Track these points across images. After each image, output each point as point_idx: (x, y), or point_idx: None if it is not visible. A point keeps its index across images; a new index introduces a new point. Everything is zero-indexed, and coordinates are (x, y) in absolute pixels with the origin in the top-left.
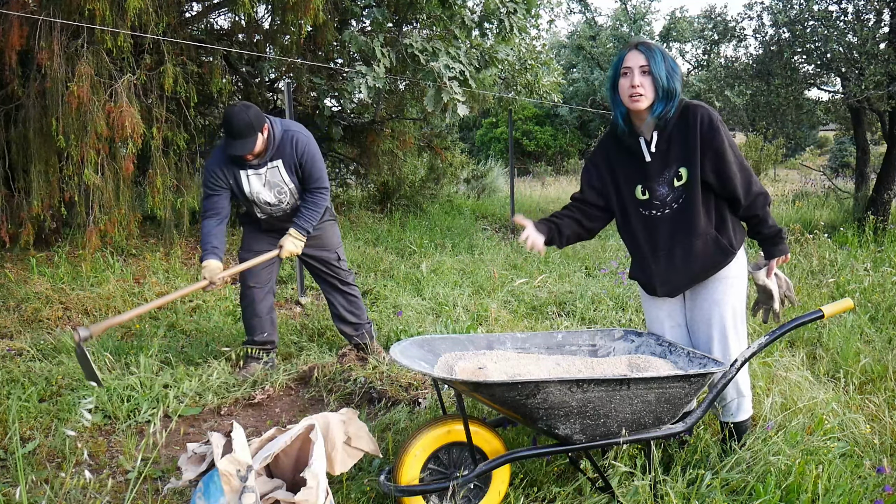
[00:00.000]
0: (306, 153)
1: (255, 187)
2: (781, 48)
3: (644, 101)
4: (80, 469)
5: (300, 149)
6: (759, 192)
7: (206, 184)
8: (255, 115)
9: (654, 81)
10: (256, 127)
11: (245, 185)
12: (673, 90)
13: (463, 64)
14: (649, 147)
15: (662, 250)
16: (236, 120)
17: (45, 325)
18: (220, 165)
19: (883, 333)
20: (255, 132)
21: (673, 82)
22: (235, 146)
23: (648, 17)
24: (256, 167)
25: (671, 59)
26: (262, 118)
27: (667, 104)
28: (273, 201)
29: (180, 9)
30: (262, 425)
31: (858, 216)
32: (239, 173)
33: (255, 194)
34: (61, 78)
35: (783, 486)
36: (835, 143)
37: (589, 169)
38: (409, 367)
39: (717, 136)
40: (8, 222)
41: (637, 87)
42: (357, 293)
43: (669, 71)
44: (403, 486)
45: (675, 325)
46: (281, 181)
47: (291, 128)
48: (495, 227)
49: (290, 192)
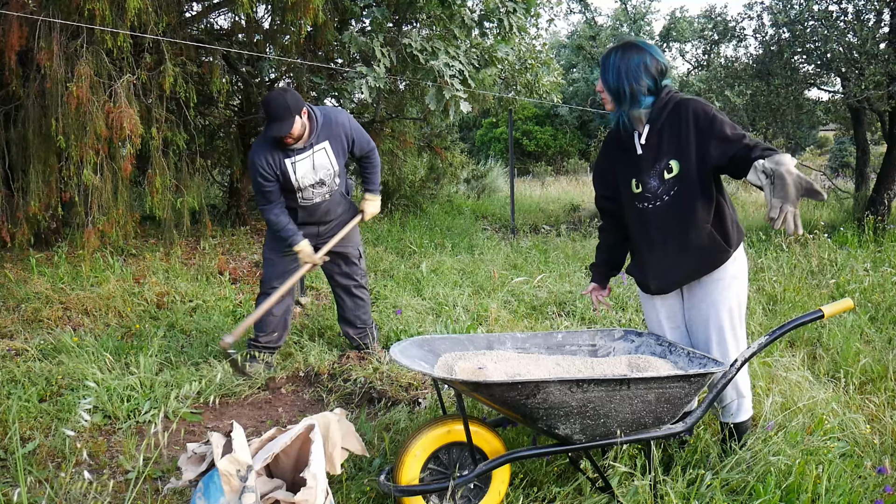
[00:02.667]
0: (352, 126)
1: (301, 172)
2: (781, 48)
3: (608, 103)
4: (80, 469)
5: (346, 125)
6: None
7: (256, 178)
8: (292, 98)
9: (604, 86)
10: (294, 110)
11: (291, 173)
12: (623, 92)
13: (462, 63)
14: (640, 140)
15: (656, 244)
16: (274, 103)
17: (45, 325)
18: (265, 157)
19: (883, 333)
20: (293, 114)
21: (623, 84)
22: (273, 128)
23: (648, 17)
24: (302, 151)
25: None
26: (300, 102)
27: (621, 105)
28: (317, 185)
29: (180, 9)
30: (262, 425)
31: (858, 216)
32: (285, 162)
33: (301, 179)
34: (61, 78)
35: (783, 486)
36: (835, 143)
37: (597, 177)
38: (409, 367)
39: (716, 123)
40: (8, 222)
41: (601, 92)
42: (366, 296)
43: (622, 73)
44: (403, 486)
45: (673, 326)
46: (327, 162)
47: (331, 110)
48: (495, 227)
49: (334, 174)
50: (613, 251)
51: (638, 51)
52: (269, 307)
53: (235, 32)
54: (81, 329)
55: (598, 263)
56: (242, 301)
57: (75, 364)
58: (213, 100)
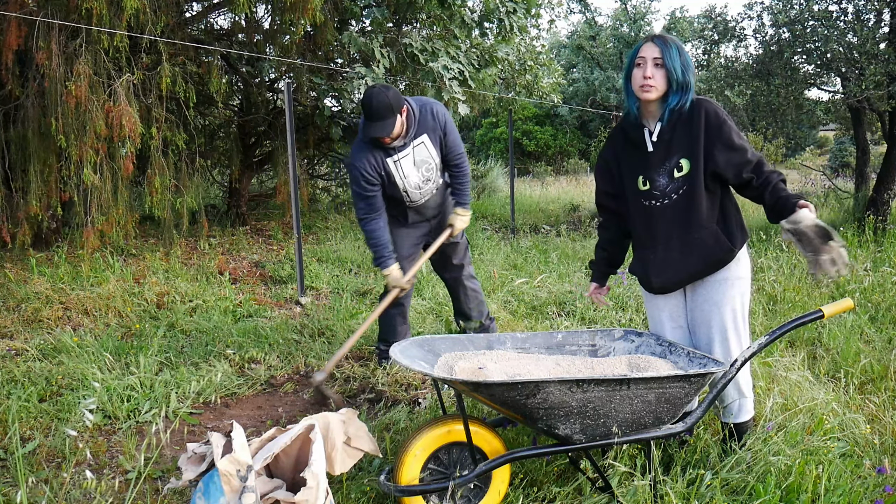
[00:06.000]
0: (447, 120)
1: (406, 170)
2: (781, 48)
3: (654, 92)
4: (81, 469)
5: (441, 117)
6: (771, 170)
7: (357, 184)
8: (394, 96)
9: (668, 74)
10: (395, 108)
11: (396, 174)
12: (687, 83)
13: (462, 64)
14: (652, 137)
15: (661, 242)
16: (376, 101)
17: (45, 325)
18: (366, 159)
19: (883, 333)
20: (395, 114)
21: (687, 76)
22: (374, 128)
23: (648, 17)
24: (402, 148)
25: (687, 54)
26: (401, 99)
27: (681, 97)
28: (422, 182)
29: (179, 9)
30: (262, 425)
31: (858, 216)
32: (387, 161)
33: (407, 178)
34: (60, 78)
35: (783, 486)
36: (835, 143)
37: (600, 172)
38: (409, 367)
39: (724, 127)
40: (8, 222)
41: (648, 79)
42: (477, 286)
43: (684, 65)
44: (403, 486)
45: (676, 326)
46: (428, 156)
47: (426, 101)
48: (495, 227)
49: (436, 168)
50: (614, 249)
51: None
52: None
53: (235, 32)
54: (81, 329)
55: (598, 261)
56: (242, 301)
57: (75, 364)
58: (212, 100)
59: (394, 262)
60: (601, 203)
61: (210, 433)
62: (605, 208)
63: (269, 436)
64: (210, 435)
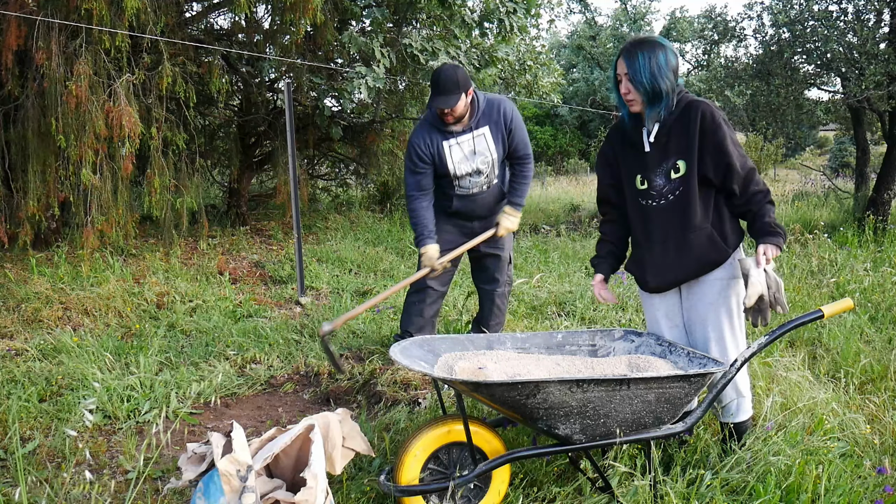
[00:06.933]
0: (514, 118)
1: (457, 157)
2: (781, 48)
3: (635, 105)
4: (81, 469)
5: (508, 114)
6: (758, 189)
7: (410, 159)
8: (462, 75)
9: (637, 87)
10: (462, 86)
11: (447, 157)
12: (658, 91)
13: (462, 64)
14: (649, 138)
15: (657, 241)
16: (444, 76)
17: (45, 325)
18: (423, 138)
19: (883, 333)
20: (460, 91)
21: (658, 83)
22: (439, 100)
23: (648, 17)
24: (461, 134)
25: (660, 56)
26: (469, 81)
27: (656, 105)
28: (474, 175)
29: (179, 9)
30: (262, 425)
31: (858, 216)
32: (442, 144)
33: (457, 165)
34: (60, 78)
35: (783, 486)
36: (835, 143)
37: (602, 166)
38: (409, 367)
39: (719, 132)
40: (7, 222)
41: (627, 94)
42: (504, 306)
43: (655, 72)
44: (403, 486)
45: (672, 325)
46: (486, 149)
47: (496, 97)
48: None
49: (492, 163)
50: (618, 241)
51: (660, 47)
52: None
53: (235, 32)
54: (81, 329)
55: (604, 254)
56: (242, 301)
57: (75, 364)
58: (212, 100)
59: (432, 242)
60: (604, 197)
61: (210, 433)
62: (609, 202)
63: (269, 436)
64: (210, 435)
